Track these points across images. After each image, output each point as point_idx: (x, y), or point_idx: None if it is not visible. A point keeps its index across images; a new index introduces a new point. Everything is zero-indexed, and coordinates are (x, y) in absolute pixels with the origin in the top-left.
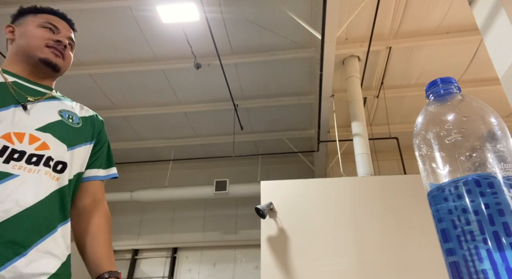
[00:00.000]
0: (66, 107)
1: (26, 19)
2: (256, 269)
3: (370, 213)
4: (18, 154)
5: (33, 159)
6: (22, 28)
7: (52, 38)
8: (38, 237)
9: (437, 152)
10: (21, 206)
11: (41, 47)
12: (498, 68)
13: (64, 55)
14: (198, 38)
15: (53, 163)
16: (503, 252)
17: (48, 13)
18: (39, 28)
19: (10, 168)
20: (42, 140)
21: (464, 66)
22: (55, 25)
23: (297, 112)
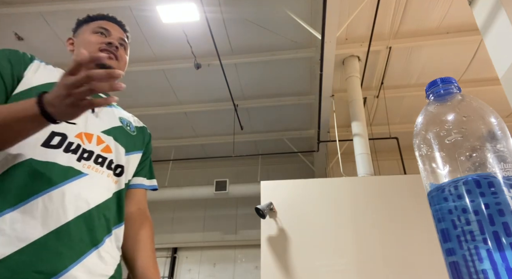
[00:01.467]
0: (124, 115)
1: (81, 29)
2: (256, 269)
3: (370, 213)
4: (88, 153)
5: (99, 160)
6: (78, 38)
7: (104, 41)
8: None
9: (437, 152)
10: (89, 204)
11: (95, 51)
12: (498, 68)
13: (117, 56)
14: (198, 38)
15: (114, 166)
16: (503, 252)
17: (99, 19)
18: (92, 34)
19: (81, 166)
20: (106, 142)
21: (464, 66)
22: (106, 28)
23: (297, 112)
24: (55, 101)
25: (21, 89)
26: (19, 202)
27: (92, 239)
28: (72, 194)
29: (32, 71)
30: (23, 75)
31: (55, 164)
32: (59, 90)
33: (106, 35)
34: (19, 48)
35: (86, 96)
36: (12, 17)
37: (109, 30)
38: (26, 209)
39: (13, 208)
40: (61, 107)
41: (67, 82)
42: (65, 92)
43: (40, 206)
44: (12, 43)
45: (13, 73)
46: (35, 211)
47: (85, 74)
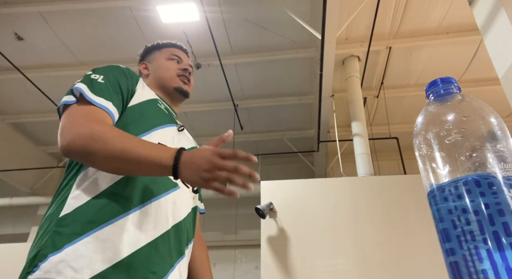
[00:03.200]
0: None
1: (154, 55)
2: (256, 269)
3: (370, 213)
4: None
5: None
6: (153, 63)
7: (179, 68)
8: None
9: (437, 152)
10: (181, 216)
11: (173, 77)
12: (498, 68)
13: (190, 82)
14: (198, 38)
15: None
16: (503, 252)
17: (170, 46)
18: (168, 61)
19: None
20: None
21: (464, 66)
22: (179, 56)
23: (297, 112)
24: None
25: (135, 103)
26: (140, 204)
27: (180, 249)
28: (171, 204)
29: (141, 87)
30: (135, 89)
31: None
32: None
33: (179, 62)
34: (19, 48)
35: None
36: (12, 17)
37: (181, 57)
38: (144, 211)
39: (135, 209)
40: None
41: (216, 163)
42: (207, 167)
43: (153, 211)
44: (12, 43)
45: (128, 88)
46: (149, 215)
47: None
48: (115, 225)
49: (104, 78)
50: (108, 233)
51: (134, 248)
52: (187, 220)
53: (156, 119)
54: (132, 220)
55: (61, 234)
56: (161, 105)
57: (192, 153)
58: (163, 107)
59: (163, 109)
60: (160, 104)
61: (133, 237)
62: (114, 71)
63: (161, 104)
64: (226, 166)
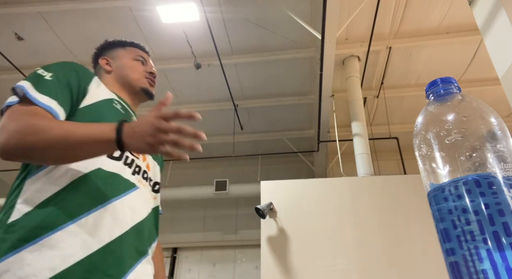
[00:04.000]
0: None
1: (117, 53)
2: (256, 269)
3: (370, 213)
4: (138, 168)
5: (145, 175)
6: (118, 61)
7: (146, 70)
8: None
9: (437, 152)
10: (140, 216)
11: (141, 78)
12: (498, 68)
13: (154, 85)
14: (198, 38)
15: (152, 183)
16: (503, 252)
17: (134, 46)
18: (135, 61)
19: (135, 180)
20: (147, 160)
21: (464, 66)
22: (144, 58)
23: (297, 112)
24: (135, 134)
25: (89, 103)
26: (92, 208)
27: (141, 249)
28: (130, 205)
29: (95, 86)
30: (88, 89)
31: (119, 175)
32: (145, 127)
33: (145, 64)
34: (19, 48)
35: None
36: (12, 17)
37: (147, 60)
38: (97, 215)
39: (87, 214)
40: (138, 142)
41: (159, 125)
42: (151, 132)
43: (108, 214)
44: (12, 43)
45: (80, 86)
46: (104, 218)
47: (179, 128)
48: (65, 231)
49: (53, 75)
50: (57, 239)
51: (85, 253)
52: (148, 220)
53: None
54: (83, 225)
55: (6, 241)
56: (117, 105)
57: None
58: (119, 107)
59: (119, 109)
60: (116, 104)
61: (84, 242)
62: (65, 69)
63: (117, 104)
64: (170, 128)
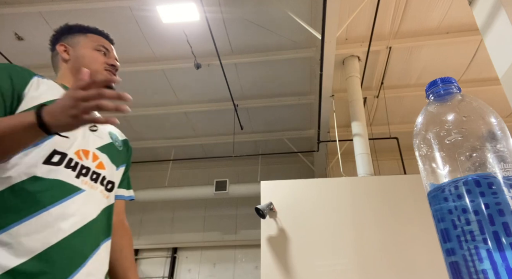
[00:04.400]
0: (112, 130)
1: (78, 40)
2: (256, 269)
3: (370, 213)
4: (85, 169)
5: (94, 176)
6: (77, 49)
7: (107, 62)
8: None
9: (437, 152)
10: (85, 219)
11: (101, 70)
12: (498, 68)
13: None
14: (198, 38)
15: (106, 182)
16: (503, 252)
17: (96, 33)
18: (95, 52)
19: (80, 183)
20: (100, 159)
21: (464, 66)
22: (106, 48)
23: (297, 112)
24: (57, 111)
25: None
26: (24, 216)
27: (84, 253)
28: (71, 210)
29: (34, 88)
30: (24, 92)
31: (57, 180)
32: (64, 101)
33: (107, 55)
34: (19, 48)
35: (91, 111)
36: (12, 17)
37: (109, 50)
38: (31, 223)
39: (19, 222)
40: (61, 118)
41: (77, 95)
42: (71, 104)
43: (43, 221)
44: (12, 43)
45: (13, 89)
46: (39, 226)
47: (97, 92)
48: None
49: None
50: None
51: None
52: (97, 221)
53: None
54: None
55: None
56: None
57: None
58: None
59: None
60: None
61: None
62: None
63: None
64: (89, 94)
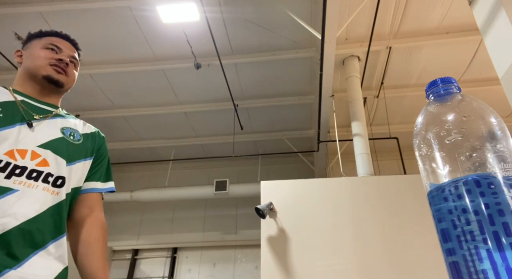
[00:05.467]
0: (69, 124)
1: (32, 43)
2: (256, 269)
3: (370, 212)
4: (20, 169)
5: (33, 174)
6: (28, 51)
7: (54, 57)
8: (31, 251)
9: (437, 152)
10: (18, 220)
11: (44, 65)
12: (498, 68)
13: (67, 72)
14: (198, 38)
15: (53, 178)
16: (503, 252)
17: (52, 35)
18: (43, 50)
19: (11, 183)
20: (42, 156)
21: (464, 66)
22: (57, 46)
23: (297, 112)
24: None
25: None
26: None
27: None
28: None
29: None
30: None
31: None
32: None
33: (57, 52)
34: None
35: None
36: (12, 17)
37: (61, 47)
38: None
39: None
40: None
41: None
42: None
43: None
44: (12, 43)
45: None
46: None
47: None
48: None
49: None
50: None
51: None
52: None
53: None
54: None
55: None
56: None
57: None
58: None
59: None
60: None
61: None
62: None
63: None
64: None
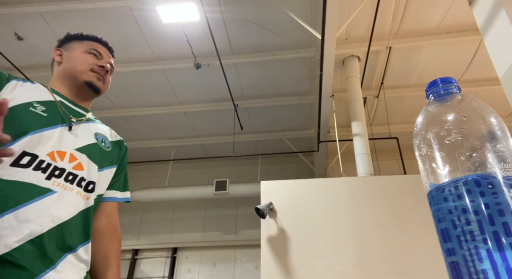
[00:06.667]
0: (100, 130)
1: (72, 45)
2: (256, 269)
3: (370, 213)
4: (59, 171)
5: (69, 177)
6: (69, 52)
7: (96, 63)
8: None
9: (437, 152)
10: (55, 222)
11: (86, 71)
12: (498, 68)
13: (105, 80)
14: (198, 38)
15: (85, 183)
16: (503, 252)
17: (93, 40)
18: (85, 54)
19: (51, 184)
20: (78, 160)
21: (464, 66)
22: (99, 51)
23: (297, 112)
24: None
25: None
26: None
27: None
28: (37, 212)
29: (8, 91)
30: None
31: (22, 182)
32: None
33: (98, 57)
34: (19, 48)
35: None
36: (12, 17)
37: (102, 54)
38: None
39: None
40: None
41: None
42: None
43: (5, 224)
44: (12, 43)
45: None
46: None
47: None
48: None
49: None
50: None
51: None
52: (71, 224)
53: (25, 126)
54: None
55: None
56: (37, 109)
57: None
58: (40, 110)
59: (39, 112)
60: (35, 107)
61: None
62: None
63: (37, 107)
64: None
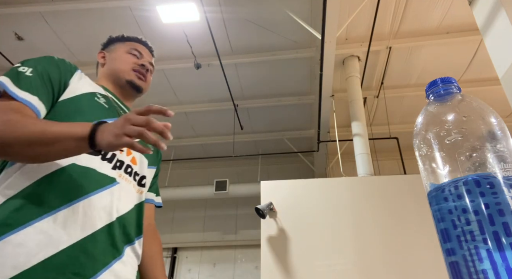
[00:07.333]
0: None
1: (115, 46)
2: (256, 269)
3: (370, 213)
4: (120, 163)
5: (128, 170)
6: (112, 54)
7: (137, 63)
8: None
9: (437, 152)
10: (119, 212)
11: (128, 70)
12: (498, 68)
13: (146, 78)
14: (198, 38)
15: (139, 177)
16: (503, 252)
17: (134, 41)
18: (127, 54)
19: (116, 175)
20: (133, 154)
21: (464, 66)
22: (140, 51)
23: (297, 112)
24: (108, 129)
25: (68, 97)
26: (63, 204)
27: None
28: (106, 201)
29: (77, 80)
30: (69, 82)
31: (95, 170)
32: (118, 121)
33: (139, 57)
34: (19, 48)
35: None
36: (12, 17)
37: (142, 53)
38: (68, 212)
39: (57, 210)
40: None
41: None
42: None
43: (80, 211)
44: (12, 43)
45: (61, 80)
46: (76, 214)
47: (147, 121)
48: (33, 228)
49: (33, 71)
50: (24, 237)
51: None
52: (129, 216)
53: (91, 115)
54: (53, 221)
55: None
56: (100, 99)
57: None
58: (103, 101)
59: (102, 103)
60: (98, 98)
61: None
62: (45, 63)
63: (100, 98)
64: (138, 119)
